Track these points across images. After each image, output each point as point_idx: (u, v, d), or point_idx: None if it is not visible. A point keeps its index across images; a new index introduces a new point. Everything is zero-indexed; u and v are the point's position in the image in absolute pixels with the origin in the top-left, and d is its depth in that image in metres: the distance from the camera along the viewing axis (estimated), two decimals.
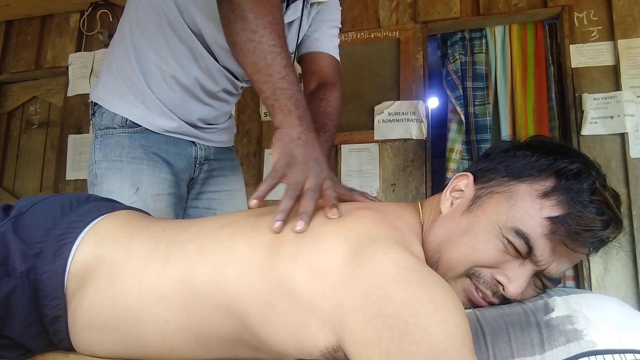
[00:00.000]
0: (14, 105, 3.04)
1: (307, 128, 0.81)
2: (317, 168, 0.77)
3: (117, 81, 1.13)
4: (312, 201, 0.71)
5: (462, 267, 0.66)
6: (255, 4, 0.85)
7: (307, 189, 0.74)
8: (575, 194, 0.63)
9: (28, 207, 0.76)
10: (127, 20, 1.15)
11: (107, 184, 1.09)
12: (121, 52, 1.13)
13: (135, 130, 1.11)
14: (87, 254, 0.71)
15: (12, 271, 0.68)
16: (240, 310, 0.63)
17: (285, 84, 0.82)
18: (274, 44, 0.84)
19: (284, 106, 0.81)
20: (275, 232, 0.67)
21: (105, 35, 2.80)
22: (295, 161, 0.77)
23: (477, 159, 0.80)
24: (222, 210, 1.30)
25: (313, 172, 0.76)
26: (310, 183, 0.75)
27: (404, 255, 0.57)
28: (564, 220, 0.62)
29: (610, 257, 2.00)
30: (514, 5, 2.27)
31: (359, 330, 0.51)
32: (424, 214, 0.76)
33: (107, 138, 1.12)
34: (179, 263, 0.69)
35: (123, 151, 1.10)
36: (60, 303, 0.70)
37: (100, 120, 1.13)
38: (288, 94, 0.82)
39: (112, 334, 0.70)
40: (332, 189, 0.75)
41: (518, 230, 0.63)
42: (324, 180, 0.76)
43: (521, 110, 2.29)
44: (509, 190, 0.67)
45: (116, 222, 0.76)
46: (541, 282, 0.67)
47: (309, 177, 0.76)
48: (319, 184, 0.75)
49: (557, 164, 0.66)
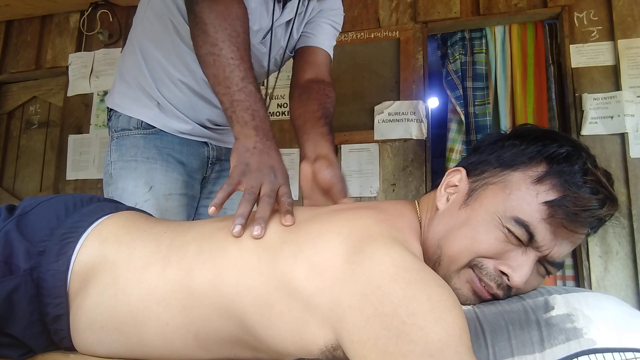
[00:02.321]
0: (14, 105, 3.04)
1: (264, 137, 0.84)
2: (272, 175, 0.80)
3: (130, 88, 1.16)
4: (267, 206, 0.74)
5: (465, 258, 0.66)
6: (216, 18, 0.88)
7: (262, 194, 0.77)
8: (568, 176, 0.63)
9: (32, 207, 0.76)
10: (135, 29, 1.19)
11: (122, 182, 1.11)
12: (131, 60, 1.17)
13: (150, 132, 1.14)
14: (90, 254, 0.72)
15: (16, 269, 0.68)
16: (239, 311, 0.64)
17: (242, 95, 0.85)
18: (232, 56, 0.86)
19: (240, 117, 0.84)
20: (236, 237, 0.69)
21: (105, 35, 2.80)
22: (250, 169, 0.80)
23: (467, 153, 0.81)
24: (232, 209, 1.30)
25: (268, 179, 0.79)
26: (265, 189, 0.78)
27: (403, 254, 0.57)
28: (561, 202, 0.62)
29: (610, 257, 2.00)
30: (514, 5, 2.27)
31: (357, 329, 0.51)
32: (421, 212, 0.76)
33: (123, 139, 1.15)
34: (179, 265, 0.69)
35: (138, 151, 1.13)
36: (63, 302, 0.70)
37: (117, 123, 1.16)
38: (245, 105, 0.85)
39: (114, 334, 0.70)
40: (287, 195, 0.78)
41: (517, 219, 0.63)
42: (279, 187, 0.79)
43: (521, 110, 2.29)
44: (503, 180, 0.67)
45: (119, 223, 0.77)
46: (544, 268, 0.67)
47: (264, 184, 0.78)
48: (274, 189, 0.78)
49: (546, 149, 0.67)
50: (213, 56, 0.87)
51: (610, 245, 2.00)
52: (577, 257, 2.09)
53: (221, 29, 0.87)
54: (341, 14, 1.30)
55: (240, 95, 0.85)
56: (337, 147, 2.40)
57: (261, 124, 0.85)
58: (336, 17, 1.28)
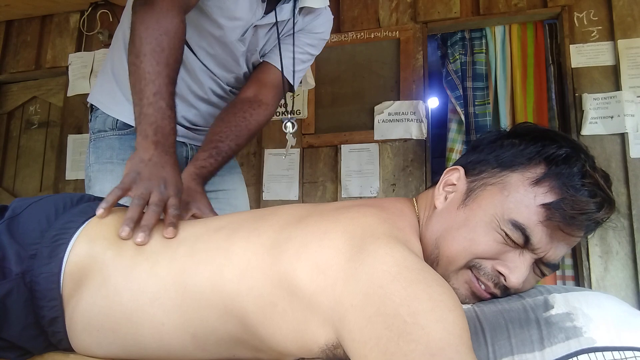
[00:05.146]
0: (14, 105, 3.04)
1: (163, 152, 0.87)
2: (162, 186, 0.83)
3: (110, 82, 1.17)
4: (153, 215, 0.77)
5: (463, 259, 0.66)
6: (145, 30, 0.90)
7: (150, 203, 0.79)
8: (566, 179, 0.63)
9: (22, 209, 0.76)
10: (122, 23, 1.18)
11: (99, 185, 1.13)
12: (116, 54, 1.18)
13: (126, 133, 1.15)
14: (80, 254, 0.71)
15: (8, 273, 0.68)
16: (239, 310, 0.64)
17: (150, 109, 0.87)
18: (150, 71, 0.88)
19: (143, 130, 0.87)
20: (124, 239, 0.72)
21: (105, 35, 2.80)
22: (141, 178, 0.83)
23: (466, 151, 0.81)
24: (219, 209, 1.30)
25: (157, 189, 0.82)
26: (153, 198, 0.80)
27: (405, 254, 0.57)
28: (558, 205, 0.62)
29: (610, 257, 2.00)
30: (514, 5, 2.27)
31: (358, 329, 0.51)
32: (419, 210, 0.76)
33: (99, 141, 1.16)
34: (169, 265, 0.69)
35: (113, 153, 1.14)
36: (57, 304, 0.70)
37: (94, 124, 1.18)
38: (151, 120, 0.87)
39: (111, 335, 0.70)
40: (174, 207, 0.80)
41: (515, 222, 0.63)
42: (168, 198, 0.81)
43: (521, 110, 2.29)
44: (502, 181, 0.67)
45: (107, 221, 0.76)
46: (539, 269, 0.68)
47: (153, 192, 0.81)
48: (162, 199, 0.81)
49: (545, 150, 0.67)
50: (134, 66, 0.89)
51: (610, 245, 2.01)
52: (577, 257, 2.09)
53: (146, 42, 0.89)
54: (324, 39, 1.29)
55: (148, 109, 0.87)
56: (337, 147, 2.41)
57: (162, 139, 0.87)
58: (314, 42, 1.26)
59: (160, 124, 0.87)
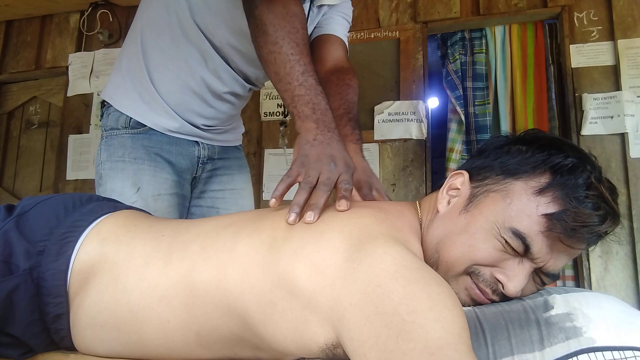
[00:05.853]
0: (14, 105, 3.04)
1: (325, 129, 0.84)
2: (332, 164, 0.79)
3: (124, 78, 1.15)
4: (323, 194, 0.73)
5: (462, 265, 0.66)
6: (275, 17, 0.89)
7: (319, 183, 0.76)
8: (570, 190, 0.62)
9: (31, 206, 0.76)
10: (139, 18, 1.17)
11: (110, 183, 1.11)
12: (131, 50, 1.16)
13: (138, 131, 1.14)
14: (89, 253, 0.72)
15: (15, 269, 0.68)
16: (241, 309, 0.64)
17: (302, 90, 0.85)
18: (292, 52, 0.87)
19: (301, 112, 0.85)
20: (291, 224, 0.68)
21: (105, 35, 2.80)
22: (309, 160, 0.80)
23: (472, 156, 0.80)
24: (225, 209, 1.30)
25: (327, 168, 0.78)
26: (322, 177, 0.77)
27: (403, 253, 0.57)
28: (560, 217, 0.61)
29: (611, 257, 2.00)
30: (514, 5, 2.27)
31: (357, 327, 0.51)
32: (422, 213, 0.76)
33: (111, 139, 1.15)
34: (180, 263, 0.69)
35: (125, 152, 1.12)
36: (63, 301, 0.70)
37: (106, 122, 1.16)
38: (305, 99, 0.85)
39: (114, 333, 0.70)
40: (346, 182, 0.77)
41: (515, 231, 0.63)
42: (338, 175, 0.78)
43: (521, 110, 2.29)
44: (505, 188, 0.67)
45: (118, 222, 0.77)
46: (539, 278, 0.67)
47: (322, 172, 0.78)
48: (332, 177, 0.77)
49: (551, 159, 0.66)
50: (274, 54, 0.88)
51: (610, 245, 2.00)
52: (577, 257, 2.09)
53: (280, 27, 0.88)
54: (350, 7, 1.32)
55: (300, 90, 0.85)
56: None
57: (322, 116, 0.85)
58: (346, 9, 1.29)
59: (315, 101, 0.85)
